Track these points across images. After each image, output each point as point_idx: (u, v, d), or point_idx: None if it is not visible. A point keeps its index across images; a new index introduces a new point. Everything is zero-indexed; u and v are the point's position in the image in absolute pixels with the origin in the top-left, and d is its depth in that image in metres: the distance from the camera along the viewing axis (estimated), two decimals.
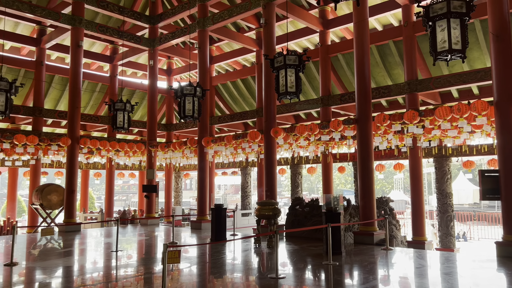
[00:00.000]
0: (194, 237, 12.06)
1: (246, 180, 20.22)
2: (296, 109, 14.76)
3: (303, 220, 11.12)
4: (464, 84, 11.32)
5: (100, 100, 19.23)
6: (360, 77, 10.10)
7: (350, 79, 14.80)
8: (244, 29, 16.99)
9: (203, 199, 13.89)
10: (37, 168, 16.26)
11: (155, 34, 16.60)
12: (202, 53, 14.42)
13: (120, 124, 11.98)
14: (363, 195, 9.94)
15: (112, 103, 12.11)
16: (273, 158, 11.86)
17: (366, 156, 9.95)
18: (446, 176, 13.53)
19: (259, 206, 9.77)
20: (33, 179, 16.21)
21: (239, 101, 18.85)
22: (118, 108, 12.00)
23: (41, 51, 16.22)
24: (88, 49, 18.69)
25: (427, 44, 12.86)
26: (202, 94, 10.14)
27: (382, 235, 9.98)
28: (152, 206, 16.07)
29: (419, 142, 11.57)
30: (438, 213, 13.61)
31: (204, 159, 14.02)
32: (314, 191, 54.09)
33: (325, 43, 14.51)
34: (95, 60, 18.58)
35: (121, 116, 11.96)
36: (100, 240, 11.52)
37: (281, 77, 7.83)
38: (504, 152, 7.99)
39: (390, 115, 9.80)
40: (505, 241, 7.83)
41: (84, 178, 20.39)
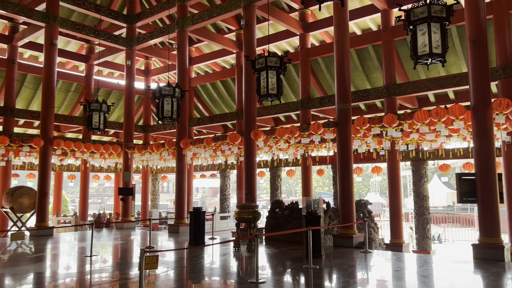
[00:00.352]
0: (171, 241, 11.82)
1: (225, 183, 20.04)
2: None
3: (283, 223, 11.05)
4: (441, 88, 11.51)
5: (75, 100, 18.72)
6: (340, 80, 10.13)
7: (329, 82, 14.87)
8: (224, 31, 16.86)
9: (181, 202, 13.66)
10: (8, 170, 15.65)
11: (132, 33, 16.29)
12: (181, 54, 14.21)
13: (96, 125, 11.63)
14: (342, 198, 9.94)
15: (88, 103, 11.75)
16: (253, 161, 11.76)
17: (345, 159, 9.96)
18: (423, 179, 13.73)
19: (239, 209, 9.64)
20: (3, 181, 15.60)
21: (218, 103, 18.69)
22: (94, 109, 11.66)
23: (13, 49, 15.65)
24: (63, 47, 18.18)
25: (406, 49, 13.11)
26: (181, 95, 9.95)
27: (361, 238, 10.01)
28: (128, 210, 15.70)
29: (397, 146, 11.69)
30: (415, 216, 13.79)
31: (182, 161, 13.79)
32: (293, 193, 54.31)
33: (305, 46, 14.54)
34: (70, 59, 18.08)
35: (97, 116, 11.62)
36: (73, 244, 11.14)
37: (262, 78, 7.74)
38: (480, 156, 8.12)
39: (369, 119, 9.87)
40: (481, 244, 7.94)
41: (58, 180, 19.78)
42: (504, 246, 7.69)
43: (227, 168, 19.61)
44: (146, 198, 20.58)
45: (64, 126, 18.92)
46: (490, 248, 7.77)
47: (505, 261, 7.60)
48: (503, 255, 7.62)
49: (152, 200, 22.56)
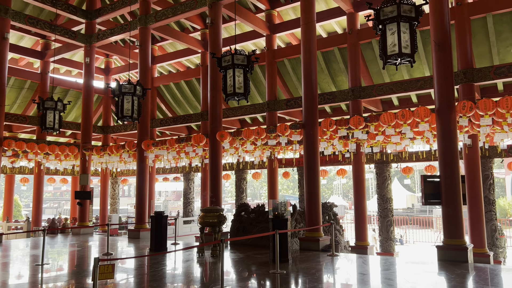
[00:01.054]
0: (131, 247, 11.26)
1: (189, 186, 19.54)
2: None
3: (249, 226, 10.78)
4: (405, 92, 11.67)
5: (29, 99, 17.65)
6: (307, 81, 10.00)
7: (295, 84, 14.79)
8: (189, 30, 16.44)
9: (142, 206, 13.10)
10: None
11: (92, 30, 15.55)
12: (144, 52, 13.69)
13: (50, 125, 10.89)
14: (309, 200, 9.79)
15: (42, 101, 11.00)
16: (218, 163, 11.43)
17: (312, 161, 9.84)
18: (386, 181, 13.88)
19: (203, 213, 9.28)
20: None
21: (182, 104, 18.20)
22: (48, 107, 10.91)
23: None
24: (16, 43, 17.11)
25: (371, 52, 13.22)
26: (142, 93, 9.48)
27: (328, 241, 9.90)
28: (86, 214, 14.91)
29: (363, 148, 11.73)
30: (379, 218, 13.91)
31: (143, 163, 13.24)
32: (257, 197, 54.21)
33: (271, 47, 14.39)
34: (24, 55, 16.99)
35: (52, 115, 10.88)
36: (25, 252, 10.36)
37: (228, 77, 7.46)
38: (445, 158, 8.20)
39: (336, 120, 9.81)
40: (445, 245, 7.99)
41: (9, 183, 18.55)
42: (467, 248, 7.78)
43: (191, 171, 19.13)
44: (105, 202, 19.72)
45: (17, 126, 17.81)
46: (454, 250, 7.83)
47: (468, 263, 7.68)
48: (467, 256, 7.70)
49: (111, 204, 21.67)
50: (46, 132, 11.14)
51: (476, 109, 7.88)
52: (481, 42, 11.33)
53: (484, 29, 11.08)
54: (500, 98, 7.68)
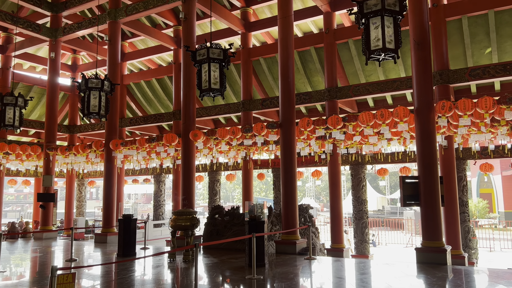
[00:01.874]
0: (98, 252, 10.63)
1: (160, 188, 18.90)
2: None
3: (223, 230, 10.36)
4: (381, 92, 11.58)
5: None
6: (284, 79, 9.72)
7: (271, 84, 14.50)
8: (161, 26, 15.88)
9: (110, 209, 12.44)
10: None
11: (58, 23, 14.75)
12: (113, 47, 13.05)
13: (10, 122, 10.10)
14: (285, 202, 9.49)
15: (0, 96, 10.21)
16: (191, 163, 10.96)
17: (289, 162, 9.55)
18: (361, 183, 13.78)
19: (175, 215, 8.81)
20: None
21: (153, 103, 17.58)
22: (8, 103, 10.13)
23: None
24: None
25: (347, 52, 13.10)
26: (110, 89, 8.92)
27: (304, 244, 9.63)
28: (49, 217, 14.08)
29: (339, 149, 11.55)
30: (354, 220, 13.79)
31: (111, 164, 12.59)
32: (230, 199, 53.73)
33: (247, 45, 14.05)
34: None
35: (11, 112, 10.11)
36: None
37: (203, 72, 7.05)
38: (423, 159, 8.08)
39: (314, 120, 9.56)
40: (424, 247, 7.85)
41: None
42: (446, 250, 7.66)
43: (162, 173, 18.51)
44: (71, 205, 18.78)
45: None
46: (433, 252, 7.70)
47: (447, 265, 7.56)
48: (446, 258, 7.58)
49: (77, 207, 20.70)
50: (6, 130, 10.33)
51: (455, 109, 7.80)
52: (456, 44, 11.39)
53: (459, 31, 11.14)
54: (479, 99, 7.63)
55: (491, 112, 7.51)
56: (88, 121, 8.45)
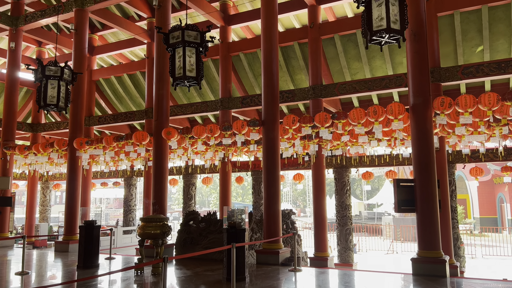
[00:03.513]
0: (57, 263, 9.46)
1: (131, 192, 17.70)
2: None
3: (198, 238, 9.39)
4: (369, 91, 10.90)
5: None
6: (268, 73, 8.89)
7: (251, 81, 13.66)
8: (134, 18, 14.80)
9: (72, 214, 11.27)
10: None
11: (19, 11, 13.48)
12: (79, 37, 11.93)
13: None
14: (268, 207, 8.62)
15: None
16: (164, 164, 9.95)
17: (272, 163, 8.70)
18: (345, 187, 13.08)
19: (143, 222, 7.80)
20: None
21: (125, 100, 16.44)
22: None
23: None
24: None
25: (332, 49, 12.39)
26: (72, 78, 7.86)
27: (288, 253, 8.78)
28: (5, 223, 12.76)
29: (325, 150, 10.78)
30: (337, 226, 13.06)
31: (75, 165, 11.43)
32: (206, 204, 52.41)
33: (226, 40, 13.16)
34: None
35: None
36: None
37: (177, 57, 6.13)
38: (420, 160, 7.39)
39: (300, 118, 8.76)
40: (421, 258, 7.13)
41: None
42: (445, 260, 6.96)
43: (133, 175, 17.34)
44: (33, 209, 17.33)
45: None
46: (431, 263, 6.98)
47: (447, 277, 6.85)
48: (445, 270, 6.87)
49: (41, 212, 19.25)
50: (46, 112, 8.89)
51: (455, 106, 7.14)
52: (446, 41, 10.86)
53: (450, 28, 10.61)
54: (482, 94, 6.99)
55: (494, 109, 6.89)
56: (46, 112, 7.33)
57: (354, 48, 11.99)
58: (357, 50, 11.97)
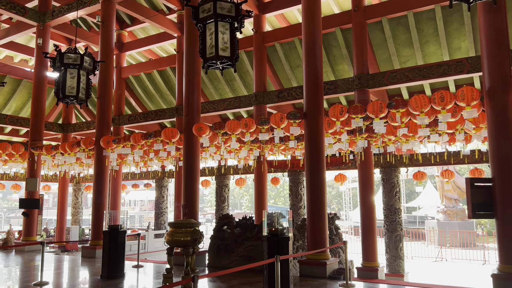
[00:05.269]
0: (80, 272, 8.74)
1: (162, 194, 17.01)
2: None
3: (233, 244, 8.42)
4: (424, 79, 9.61)
5: None
6: (311, 58, 7.81)
7: (288, 74, 12.61)
8: (164, 12, 14.09)
9: (100, 218, 10.56)
10: None
11: (47, 6, 13.03)
12: (106, 30, 11.27)
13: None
14: (312, 212, 7.53)
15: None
16: (195, 163, 9.07)
17: (316, 161, 7.60)
18: (394, 189, 11.76)
19: (172, 228, 6.90)
20: None
21: (155, 98, 15.76)
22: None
23: None
24: None
25: (379, 35, 11.12)
26: (93, 67, 7.10)
27: (335, 264, 7.65)
28: (33, 227, 12.26)
29: (375, 147, 9.56)
30: (386, 232, 11.77)
31: (102, 164, 10.75)
32: (238, 207, 51.60)
33: (260, 29, 12.18)
34: None
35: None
36: None
37: (208, 34, 5.20)
38: (499, 156, 6.11)
39: (349, 107, 7.63)
40: (503, 274, 5.84)
41: None
42: None
43: (164, 177, 16.63)
44: (64, 212, 16.95)
45: None
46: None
47: None
48: None
49: (73, 214, 18.90)
50: (66, 104, 8.30)
51: None
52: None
53: None
54: None
55: None
56: (66, 104, 6.61)
57: (405, 33, 10.71)
58: (408, 34, 10.68)
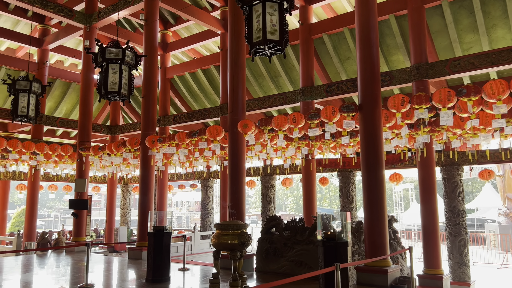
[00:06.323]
0: (127, 274, 8.55)
1: (207, 195, 16.81)
2: None
3: (282, 248, 7.87)
4: (492, 66, 8.62)
5: None
6: (366, 43, 7.12)
7: (337, 67, 11.91)
8: (207, 9, 13.85)
9: (146, 219, 10.35)
10: None
11: (93, 8, 13.15)
12: (150, 29, 11.12)
13: (23, 112, 8.33)
14: (370, 215, 6.83)
15: (12, 81, 8.47)
16: (240, 162, 8.64)
17: (373, 158, 6.89)
18: (457, 189, 10.76)
19: (219, 230, 6.48)
20: None
21: (199, 98, 15.57)
22: (21, 89, 8.38)
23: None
24: (12, 28, 15.00)
25: (438, 20, 10.14)
26: (135, 61, 6.84)
27: (398, 272, 6.90)
28: (82, 227, 12.36)
29: (437, 143, 8.67)
30: (448, 236, 10.78)
31: (148, 164, 10.58)
32: (283, 208, 50.93)
33: (306, 21, 11.57)
34: (17, 42, 14.62)
35: (25, 100, 8.33)
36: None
37: (255, 16, 4.71)
38: None
39: (413, 96, 6.86)
40: None
41: (3, 191, 16.23)
42: None
43: (210, 177, 16.40)
44: (112, 212, 17.17)
45: (12, 125, 15.67)
46: None
47: None
48: None
49: (121, 215, 19.16)
50: (20, 121, 8.57)
51: None
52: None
53: None
54: None
55: None
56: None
57: (468, 17, 9.70)
58: (471, 18, 9.68)
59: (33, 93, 8.49)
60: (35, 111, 8.35)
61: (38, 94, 8.64)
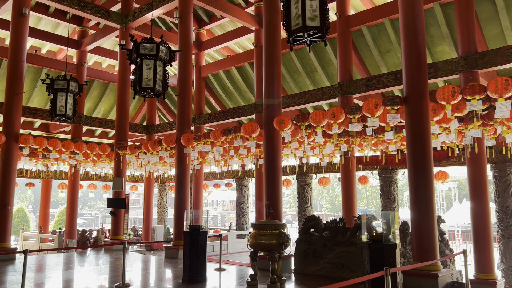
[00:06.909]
0: (164, 273, 8.46)
1: (243, 194, 16.65)
2: None
3: (322, 249, 7.52)
4: None
5: None
6: (411, 32, 6.66)
7: (376, 60, 11.41)
8: (241, 6, 13.66)
9: (181, 217, 10.30)
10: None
11: (129, 8, 13.26)
12: (184, 26, 11.03)
13: (62, 111, 8.44)
14: (417, 215, 6.37)
15: (51, 81, 8.60)
16: (276, 159, 8.35)
17: (421, 154, 6.42)
18: (510, 188, 10.00)
19: (256, 230, 6.24)
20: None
21: (234, 96, 15.42)
22: (59, 88, 8.49)
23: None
24: (52, 31, 15.42)
25: (488, 6, 9.42)
26: (170, 57, 6.70)
27: (449, 277, 6.40)
28: (120, 226, 12.47)
29: (488, 139, 8.04)
30: (500, 238, 10.05)
31: (183, 163, 10.49)
32: (318, 208, 50.18)
33: (344, 13, 11.12)
34: (57, 44, 14.98)
35: (63, 99, 8.44)
36: (29, 275, 7.89)
37: (294, 2, 4.41)
38: None
39: (465, 86, 6.33)
40: None
41: (45, 190, 16.74)
42: None
43: (245, 176, 16.22)
44: (149, 211, 17.32)
45: (54, 125, 16.11)
46: None
47: None
48: None
49: (158, 214, 19.36)
50: (58, 120, 8.71)
51: None
52: None
53: None
54: None
55: None
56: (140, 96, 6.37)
57: None
58: None
59: (71, 92, 8.59)
60: (73, 110, 8.45)
61: (76, 93, 8.73)
